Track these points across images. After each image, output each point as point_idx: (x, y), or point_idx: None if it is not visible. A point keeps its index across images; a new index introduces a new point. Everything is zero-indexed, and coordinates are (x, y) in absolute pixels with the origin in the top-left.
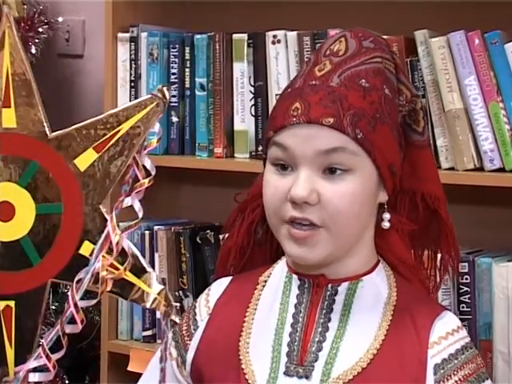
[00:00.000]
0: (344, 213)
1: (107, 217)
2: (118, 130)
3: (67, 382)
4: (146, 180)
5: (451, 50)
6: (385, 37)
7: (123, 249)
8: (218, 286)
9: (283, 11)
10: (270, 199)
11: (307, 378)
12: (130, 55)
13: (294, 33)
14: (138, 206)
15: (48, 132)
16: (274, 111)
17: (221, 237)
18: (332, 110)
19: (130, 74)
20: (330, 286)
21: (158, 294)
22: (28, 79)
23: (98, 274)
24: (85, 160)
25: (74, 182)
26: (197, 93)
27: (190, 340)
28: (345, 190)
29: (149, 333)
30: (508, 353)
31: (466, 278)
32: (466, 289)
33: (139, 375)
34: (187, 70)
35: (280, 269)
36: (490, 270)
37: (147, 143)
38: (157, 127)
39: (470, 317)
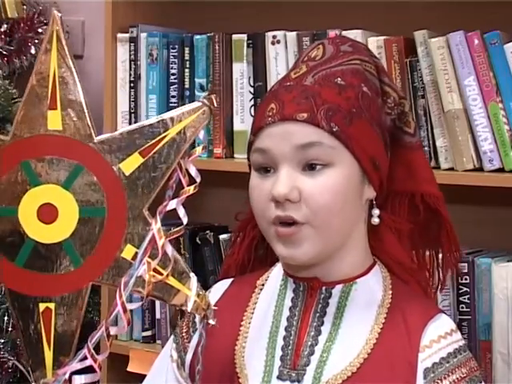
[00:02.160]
0: (326, 206)
1: (150, 221)
2: (165, 136)
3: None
4: (192, 187)
5: (451, 50)
6: (384, 37)
7: (165, 253)
8: (218, 289)
9: (283, 12)
10: (255, 203)
11: (299, 381)
12: (130, 56)
13: (294, 33)
14: (182, 212)
15: (94, 135)
16: (254, 117)
17: (220, 237)
18: (305, 106)
19: (130, 75)
20: (323, 288)
21: (198, 297)
22: (74, 82)
23: (140, 277)
24: (130, 164)
25: (118, 185)
26: (196, 93)
27: (189, 342)
28: (325, 183)
29: (148, 333)
30: (507, 353)
31: (466, 279)
32: (465, 289)
33: (139, 375)
34: (187, 70)
35: (277, 272)
36: (489, 270)
37: (191, 151)
38: (201, 135)
39: (470, 317)
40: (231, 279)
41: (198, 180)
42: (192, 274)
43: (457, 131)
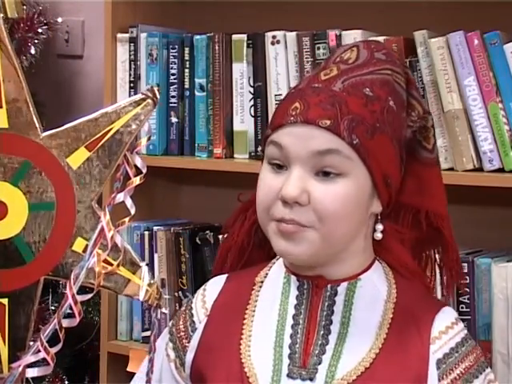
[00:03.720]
0: (333, 214)
1: (99, 213)
2: (110, 129)
3: (66, 382)
4: (137, 178)
5: (450, 50)
6: (384, 37)
7: (115, 244)
8: (214, 286)
9: (282, 12)
10: (261, 197)
11: (311, 380)
12: (130, 56)
13: (294, 33)
14: (129, 203)
15: (40, 131)
16: (275, 111)
17: (220, 237)
18: (330, 112)
19: (130, 75)
20: (329, 286)
21: (150, 286)
22: (19, 79)
23: (92, 269)
24: (77, 158)
25: (66, 180)
26: (196, 93)
27: (189, 342)
28: (336, 191)
29: (148, 333)
30: (507, 354)
31: (466, 279)
32: (465, 289)
33: None
34: (186, 70)
35: (277, 269)
36: (489, 270)
37: (137, 142)
38: (146, 126)
39: (470, 317)
40: (225, 275)
41: (144, 171)
42: (143, 264)
43: (457, 131)
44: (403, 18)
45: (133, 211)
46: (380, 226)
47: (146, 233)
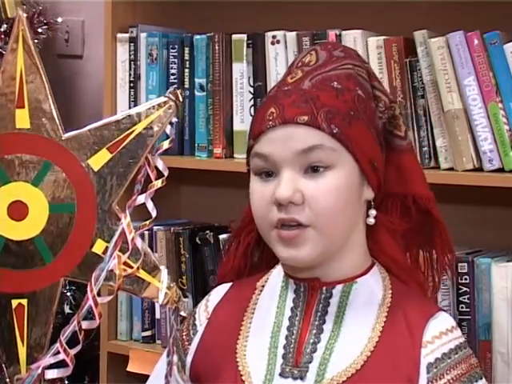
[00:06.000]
0: (329, 209)
1: (120, 215)
2: (132, 131)
3: (66, 382)
4: (159, 181)
5: (450, 50)
6: (384, 37)
7: (135, 246)
8: (218, 292)
9: (282, 12)
10: (257, 206)
11: (302, 379)
12: (130, 56)
13: (294, 33)
14: (151, 205)
15: (62, 132)
16: (252, 121)
17: (220, 237)
18: (306, 109)
19: (130, 75)
20: (324, 288)
21: (169, 289)
22: (42, 80)
23: (111, 271)
24: (98, 160)
25: (87, 181)
26: (196, 93)
27: (190, 344)
28: (327, 186)
29: (148, 333)
30: (507, 353)
31: (466, 279)
32: (465, 289)
33: (138, 376)
34: (186, 70)
35: (277, 273)
36: (489, 270)
37: (159, 145)
38: (168, 129)
39: (469, 317)
40: (230, 283)
41: (166, 174)
42: (162, 267)
43: (457, 131)
44: (403, 17)
45: (154, 214)
46: (373, 212)
47: (146, 233)
